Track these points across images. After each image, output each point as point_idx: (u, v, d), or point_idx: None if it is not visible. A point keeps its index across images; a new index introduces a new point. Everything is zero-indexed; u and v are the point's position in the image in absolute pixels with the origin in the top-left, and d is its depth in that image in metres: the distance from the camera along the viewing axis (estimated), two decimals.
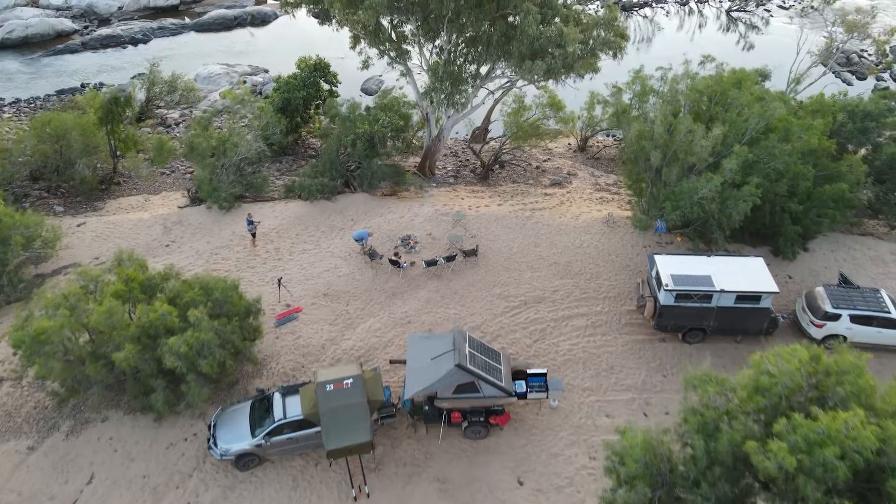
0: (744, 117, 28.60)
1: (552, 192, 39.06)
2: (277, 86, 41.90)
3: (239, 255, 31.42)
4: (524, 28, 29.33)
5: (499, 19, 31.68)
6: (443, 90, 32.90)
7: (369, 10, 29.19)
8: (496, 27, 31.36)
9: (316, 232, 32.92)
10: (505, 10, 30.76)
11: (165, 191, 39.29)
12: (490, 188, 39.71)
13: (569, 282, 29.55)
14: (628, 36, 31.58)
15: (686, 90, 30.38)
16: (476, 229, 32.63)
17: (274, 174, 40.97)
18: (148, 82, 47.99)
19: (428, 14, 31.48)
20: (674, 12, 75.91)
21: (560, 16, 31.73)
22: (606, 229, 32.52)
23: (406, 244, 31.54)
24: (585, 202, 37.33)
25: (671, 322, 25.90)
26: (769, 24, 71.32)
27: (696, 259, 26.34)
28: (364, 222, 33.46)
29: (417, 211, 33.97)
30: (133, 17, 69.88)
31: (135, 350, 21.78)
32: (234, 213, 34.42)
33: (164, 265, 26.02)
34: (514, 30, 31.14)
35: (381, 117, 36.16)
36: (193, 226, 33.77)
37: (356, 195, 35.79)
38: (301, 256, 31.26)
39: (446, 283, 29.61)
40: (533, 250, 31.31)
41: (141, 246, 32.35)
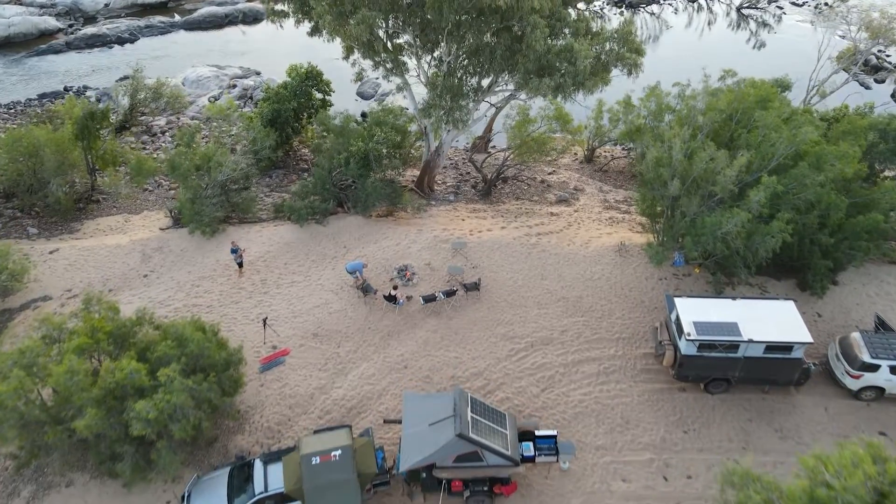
0: (771, 142, 26.18)
1: (558, 210, 36.68)
2: (266, 96, 39.42)
3: (223, 288, 29.09)
4: (531, 43, 26.86)
5: (503, 31, 29.15)
6: (442, 106, 30.41)
7: (361, 24, 26.68)
8: (500, 39, 28.85)
9: (306, 261, 30.57)
10: (509, 22, 28.20)
11: (147, 209, 36.91)
12: (492, 206, 37.32)
13: (579, 320, 27.22)
14: (644, 51, 29.06)
15: (705, 108, 27.89)
16: (478, 259, 30.27)
17: (263, 190, 38.60)
18: (131, 89, 45.51)
19: (426, 25, 28.96)
20: (682, 9, 73.21)
21: (570, 26, 29.20)
22: (618, 259, 30.17)
23: (402, 275, 29.20)
24: (594, 223, 34.95)
25: (693, 372, 23.63)
26: (782, 22, 68.64)
27: (720, 302, 24.02)
28: (357, 250, 31.10)
29: (415, 237, 31.59)
30: (120, 14, 67.19)
31: (98, 415, 19.50)
32: (219, 239, 32.06)
33: (138, 307, 23.71)
34: (520, 42, 28.62)
35: (377, 133, 33.70)
36: (174, 253, 31.41)
37: (349, 218, 33.39)
38: (289, 289, 28.92)
39: (446, 321, 27.30)
40: (539, 283, 28.97)
41: (117, 276, 30.04)
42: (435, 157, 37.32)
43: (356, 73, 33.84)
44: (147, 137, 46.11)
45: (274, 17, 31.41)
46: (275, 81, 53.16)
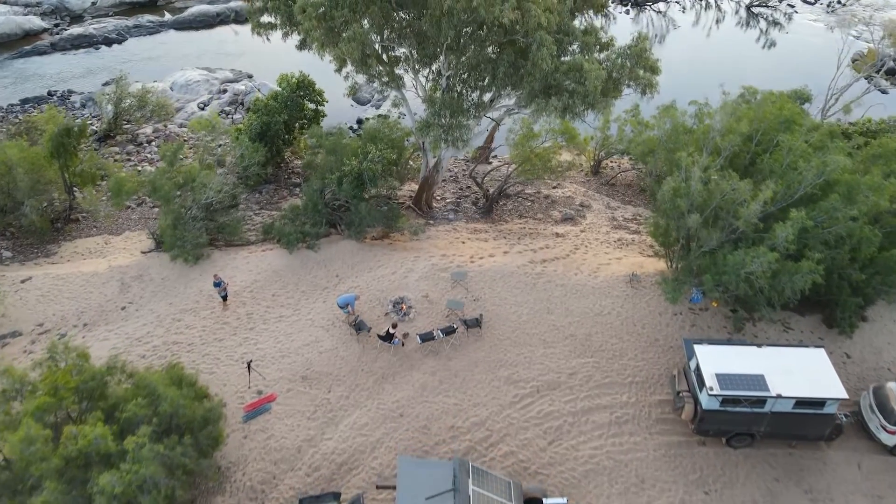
0: (797, 170, 24.11)
1: (564, 230, 34.65)
2: (255, 107, 37.25)
3: (205, 323, 27.08)
4: (536, 61, 24.70)
5: (506, 45, 26.99)
6: (440, 125, 28.29)
7: (353, 41, 24.53)
8: (503, 54, 26.67)
9: (295, 292, 28.54)
10: (514, 36, 26.03)
11: (129, 229, 34.86)
12: (494, 226, 35.29)
13: (588, 361, 25.23)
14: (660, 69, 26.91)
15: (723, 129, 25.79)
16: (479, 290, 28.25)
17: (252, 207, 36.56)
18: (115, 97, 43.34)
19: (423, 39, 26.81)
20: (689, 6, 70.85)
21: (578, 39, 27.03)
22: (630, 291, 28.14)
23: (398, 309, 27.19)
24: (602, 246, 32.91)
25: (714, 427, 21.67)
26: (793, 21, 66.28)
27: (745, 350, 22.01)
28: (350, 280, 29.07)
29: (412, 265, 29.55)
30: (108, 12, 64.87)
31: (59, 489, 17.54)
32: (203, 266, 30.02)
33: (111, 354, 21.78)
34: (524, 58, 26.45)
35: (371, 151, 31.58)
36: (155, 282, 29.38)
37: (342, 242, 31.32)
38: (277, 325, 26.91)
39: (445, 361, 25.32)
40: (545, 318, 26.96)
41: (93, 308, 28.04)
42: (433, 174, 35.24)
43: (349, 87, 31.68)
44: (132, 147, 44.01)
45: (259, 30, 29.21)
46: (267, 86, 51.10)
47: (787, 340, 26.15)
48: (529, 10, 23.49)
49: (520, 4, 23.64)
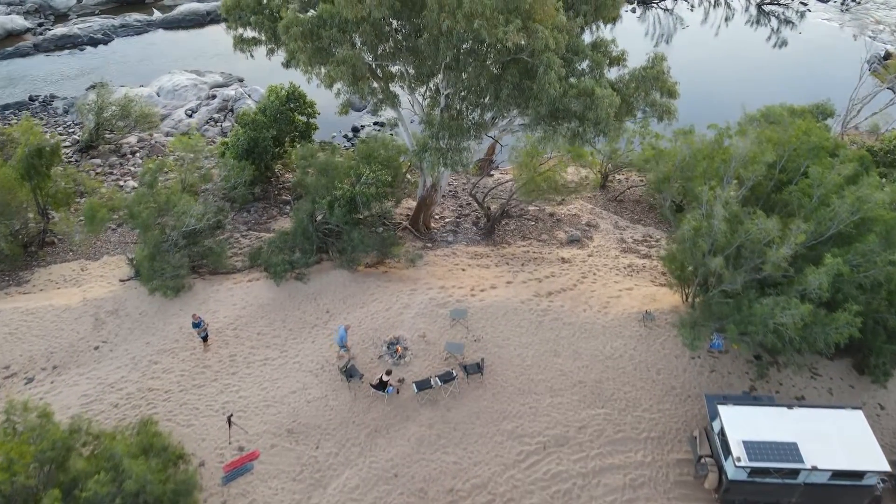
0: (829, 206, 21.99)
1: (570, 254, 32.57)
2: (243, 121, 35.02)
3: (185, 366, 25.03)
4: (544, 85, 22.49)
5: (511, 64, 24.76)
6: (438, 148, 26.14)
7: (343, 65, 22.32)
8: (507, 75, 24.44)
9: (282, 330, 26.48)
10: (519, 55, 23.80)
11: (108, 253, 32.74)
12: (496, 249, 33.17)
13: (599, 413, 23.21)
14: (678, 92, 24.69)
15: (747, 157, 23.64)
16: (480, 329, 26.18)
17: (239, 228, 34.44)
18: (96, 106, 41.11)
19: (420, 59, 24.59)
20: (697, 4, 68.38)
21: (589, 59, 24.80)
22: (643, 330, 26.06)
23: (393, 352, 25.13)
24: (612, 273, 30.82)
25: (741, 497, 19.65)
26: (806, 20, 63.82)
27: (774, 412, 19.96)
28: (342, 316, 26.99)
29: (408, 300, 27.46)
30: (94, 11, 62.51)
31: None
32: (183, 299, 27.95)
33: (81, 399, 19.80)
34: (530, 78, 24.22)
35: (365, 172, 29.43)
36: (132, 317, 27.30)
37: (333, 273, 29.21)
38: (261, 369, 24.87)
39: (443, 412, 23.29)
40: (552, 362, 24.91)
41: (64, 348, 25.99)
42: (431, 193, 33.09)
43: (341, 105, 29.46)
44: (116, 159, 41.82)
45: (242, 46, 26.95)
46: (258, 91, 48.87)
47: (815, 388, 24.12)
48: (536, 31, 21.28)
49: (526, 25, 21.42)
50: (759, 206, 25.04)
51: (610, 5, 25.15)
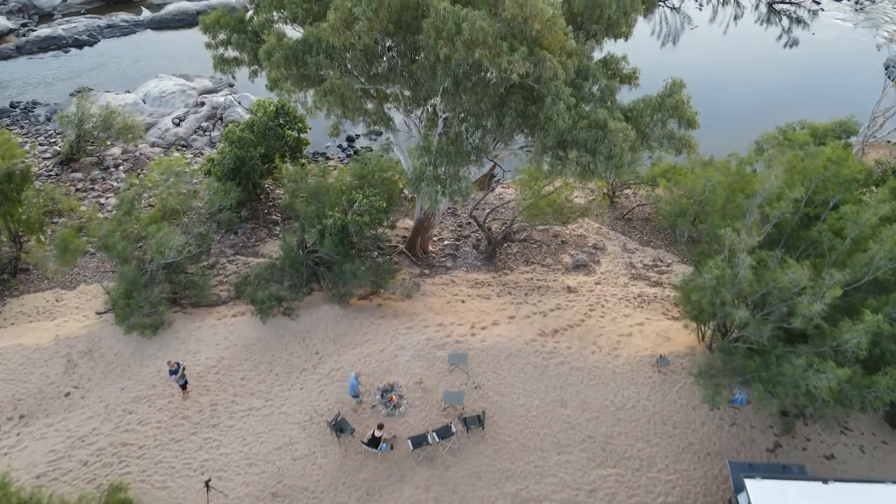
0: (866, 251, 20.03)
1: (576, 282, 30.68)
2: (230, 139, 32.92)
3: (161, 416, 23.16)
4: (552, 116, 20.46)
5: (515, 89, 22.69)
6: (436, 179, 24.16)
7: (330, 94, 20.27)
8: (510, 101, 22.38)
9: (268, 375, 24.58)
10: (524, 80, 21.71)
11: (85, 281, 30.81)
12: (497, 276, 31.24)
13: (610, 473, 21.32)
14: (698, 122, 22.62)
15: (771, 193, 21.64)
16: (481, 374, 24.28)
17: (226, 252, 32.50)
18: (76, 118, 39.05)
19: (416, 83, 22.52)
20: (705, 2, 66.04)
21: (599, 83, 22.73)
22: (656, 377, 24.14)
23: (387, 401, 23.23)
24: (621, 305, 28.90)
25: None
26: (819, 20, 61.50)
27: (807, 489, 18.07)
28: (332, 358, 25.09)
29: (403, 341, 25.53)
30: (80, 10, 60.29)
31: None
32: (163, 337, 26.09)
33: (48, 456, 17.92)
34: (535, 103, 22.14)
35: (358, 198, 27.43)
36: (106, 358, 25.42)
37: (324, 308, 27.28)
38: (245, 421, 22.99)
39: (441, 471, 21.42)
40: (559, 413, 23.01)
41: (32, 394, 24.14)
42: (429, 217, 31.12)
43: (332, 126, 27.41)
44: (98, 173, 39.79)
45: (223, 67, 24.85)
46: (248, 98, 46.71)
47: (846, 444, 22.21)
48: (544, 59, 19.22)
49: (532, 52, 19.35)
50: (784, 243, 23.15)
51: (622, 23, 23.04)
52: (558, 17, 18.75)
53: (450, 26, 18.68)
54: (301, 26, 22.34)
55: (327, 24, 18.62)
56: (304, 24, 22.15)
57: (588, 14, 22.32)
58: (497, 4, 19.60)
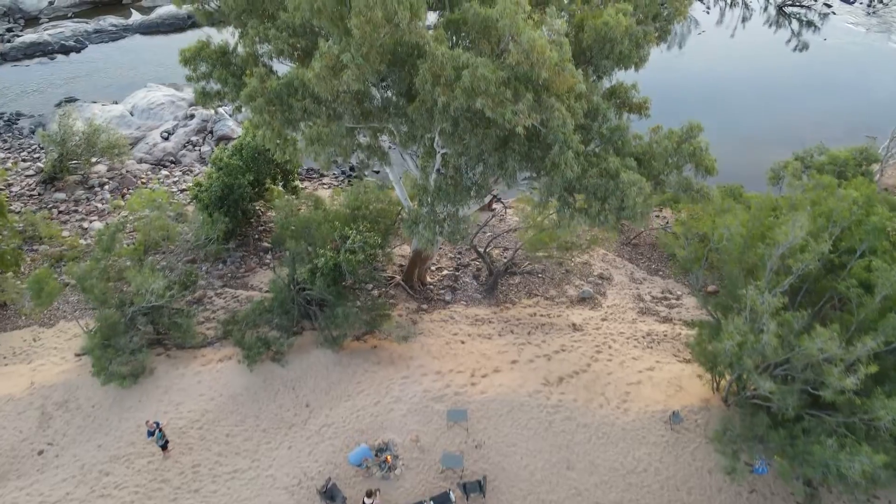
0: None
1: (582, 318, 29.22)
2: (218, 165, 31.21)
3: (139, 479, 21.67)
4: (559, 164, 18.84)
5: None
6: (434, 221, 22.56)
7: (317, 143, 18.64)
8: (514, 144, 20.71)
9: (255, 431, 23.08)
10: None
11: (65, 317, 29.27)
12: (499, 311, 29.73)
13: None
14: (716, 169, 20.91)
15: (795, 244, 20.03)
16: (482, 431, 22.76)
17: (213, 284, 30.93)
18: (59, 137, 37.39)
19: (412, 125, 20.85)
20: (713, 4, 64.11)
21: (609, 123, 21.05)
22: (669, 436, 22.63)
23: (382, 462, 21.72)
24: (629, 346, 27.40)
25: None
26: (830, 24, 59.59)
27: None
28: (324, 412, 23.58)
29: (399, 392, 24.00)
30: (67, 13, 58.42)
31: None
32: (143, 386, 24.60)
33: None
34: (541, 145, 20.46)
35: (351, 235, 25.78)
36: (83, 411, 23.91)
37: (315, 353, 25.73)
38: (229, 485, 21.49)
39: None
40: (565, 477, 21.52)
41: (4, 452, 22.70)
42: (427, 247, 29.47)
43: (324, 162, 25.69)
44: (83, 192, 38.20)
45: (205, 101, 23.17)
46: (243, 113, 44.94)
47: None
48: (552, 107, 17.56)
49: (539, 98, 17.68)
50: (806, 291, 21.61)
51: (634, 56, 21.33)
52: (566, 61, 17.06)
53: (448, 72, 17.01)
54: (289, 60, 20.66)
55: (312, 72, 16.96)
56: (290, 59, 20.46)
57: (598, 48, 20.61)
58: (498, 43, 17.91)
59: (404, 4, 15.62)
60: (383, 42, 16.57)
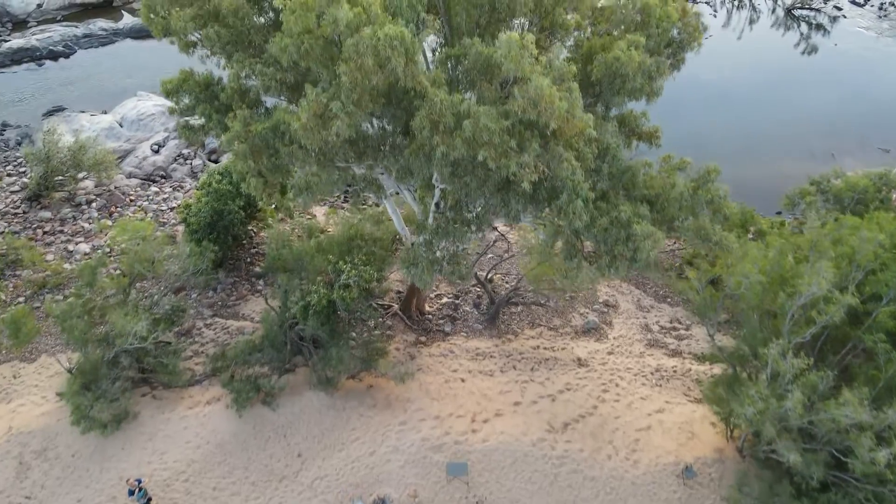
0: None
1: (587, 351, 28.00)
2: (206, 190, 29.83)
3: None
4: (567, 213, 17.51)
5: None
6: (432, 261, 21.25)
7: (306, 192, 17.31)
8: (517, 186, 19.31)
9: (244, 484, 21.86)
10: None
11: (48, 351, 27.94)
12: (500, 344, 28.49)
13: None
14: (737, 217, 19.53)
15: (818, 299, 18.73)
16: (483, 485, 21.56)
17: (203, 313, 29.67)
18: (43, 154, 35.99)
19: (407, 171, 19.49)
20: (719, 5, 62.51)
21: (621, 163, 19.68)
22: (682, 492, 21.42)
23: None
24: (637, 384, 26.18)
25: None
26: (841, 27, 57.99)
27: None
28: (317, 462, 22.36)
29: (396, 442, 22.77)
30: (56, 16, 56.70)
31: None
32: (126, 432, 23.37)
33: None
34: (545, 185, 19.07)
35: (346, 269, 24.45)
36: (63, 460, 22.67)
37: (308, 396, 24.50)
38: None
39: None
40: None
41: None
42: None
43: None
44: (69, 210, 36.81)
45: (189, 135, 21.77)
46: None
47: None
48: (559, 157, 16.21)
49: (546, 145, 16.32)
50: (828, 341, 20.36)
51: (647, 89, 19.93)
52: (576, 107, 15.68)
53: (448, 119, 15.65)
54: (279, 96, 19.27)
55: (298, 122, 15.60)
56: (279, 95, 19.08)
57: (608, 83, 19.21)
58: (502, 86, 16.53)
59: (398, 51, 14.23)
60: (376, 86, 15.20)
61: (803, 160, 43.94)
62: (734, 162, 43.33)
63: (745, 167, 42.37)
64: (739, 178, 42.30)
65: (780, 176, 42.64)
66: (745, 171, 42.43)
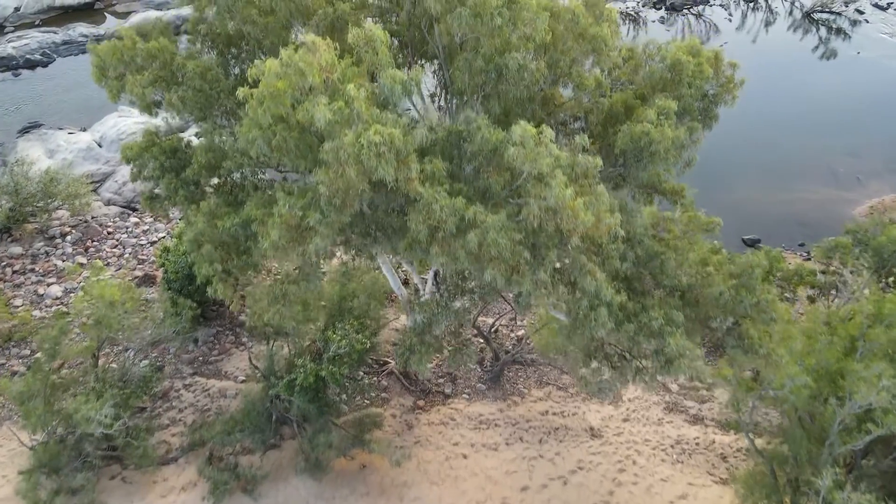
0: None
1: (600, 418, 25.77)
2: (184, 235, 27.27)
3: None
4: (588, 321, 15.01)
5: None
6: (431, 345, 18.86)
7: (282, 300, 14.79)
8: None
9: None
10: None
11: (10, 418, 25.60)
12: (505, 408, 26.19)
13: None
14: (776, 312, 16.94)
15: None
16: None
17: (182, 371, 27.31)
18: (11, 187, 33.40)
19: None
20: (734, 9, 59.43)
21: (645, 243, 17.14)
22: None
23: None
24: (657, 460, 23.90)
25: None
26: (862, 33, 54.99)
27: None
28: None
29: None
30: (34, 21, 53.68)
31: None
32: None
33: None
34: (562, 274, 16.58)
35: (335, 339, 22.00)
36: None
37: (293, 482, 22.18)
38: None
39: None
40: None
41: None
42: None
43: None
44: (42, 244, 34.28)
45: (152, 206, 19.23)
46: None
47: None
48: (582, 268, 13.70)
49: (568, 251, 13.80)
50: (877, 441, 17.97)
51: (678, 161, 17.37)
52: (604, 212, 13.12)
53: (449, 226, 13.09)
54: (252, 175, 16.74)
55: (268, 241, 13.08)
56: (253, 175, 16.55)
57: (633, 156, 16.63)
58: (512, 179, 13.96)
59: (386, 158, 11.64)
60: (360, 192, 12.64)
61: (826, 182, 41.37)
62: (748, 182, 40.79)
63: (762, 189, 39.84)
64: (755, 200, 39.77)
65: (801, 201, 40.15)
66: (761, 194, 39.91)
